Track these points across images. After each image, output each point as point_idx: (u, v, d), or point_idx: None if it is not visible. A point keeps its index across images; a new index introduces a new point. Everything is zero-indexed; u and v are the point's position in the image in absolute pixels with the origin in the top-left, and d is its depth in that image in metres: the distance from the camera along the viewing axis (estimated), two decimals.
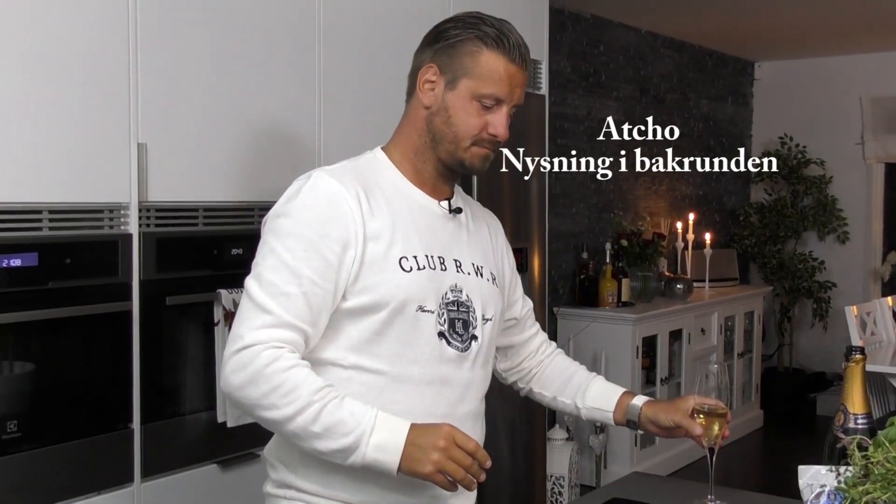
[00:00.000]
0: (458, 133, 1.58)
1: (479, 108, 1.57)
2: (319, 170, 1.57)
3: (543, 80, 3.79)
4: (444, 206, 1.65)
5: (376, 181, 1.59)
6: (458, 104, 1.57)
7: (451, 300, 1.60)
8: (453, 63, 1.57)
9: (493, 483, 3.58)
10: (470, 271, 1.65)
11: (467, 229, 1.70)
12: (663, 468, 4.90)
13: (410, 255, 1.56)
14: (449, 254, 1.62)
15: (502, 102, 1.58)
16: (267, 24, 2.70)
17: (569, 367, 1.89)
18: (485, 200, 3.47)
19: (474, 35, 1.56)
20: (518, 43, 1.58)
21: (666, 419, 1.71)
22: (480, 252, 1.70)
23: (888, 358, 4.36)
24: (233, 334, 1.49)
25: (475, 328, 1.64)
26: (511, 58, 1.56)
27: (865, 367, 1.60)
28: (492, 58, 1.55)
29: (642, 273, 5.20)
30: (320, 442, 1.44)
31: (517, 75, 1.58)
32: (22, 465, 2.15)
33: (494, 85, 1.56)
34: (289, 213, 1.52)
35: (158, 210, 2.42)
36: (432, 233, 1.61)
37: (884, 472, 1.32)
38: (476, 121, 1.57)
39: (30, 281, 2.16)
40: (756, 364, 6.08)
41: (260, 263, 1.52)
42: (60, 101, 2.21)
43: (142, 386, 2.38)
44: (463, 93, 1.57)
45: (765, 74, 6.91)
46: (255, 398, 1.46)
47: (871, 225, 6.54)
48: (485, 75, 1.56)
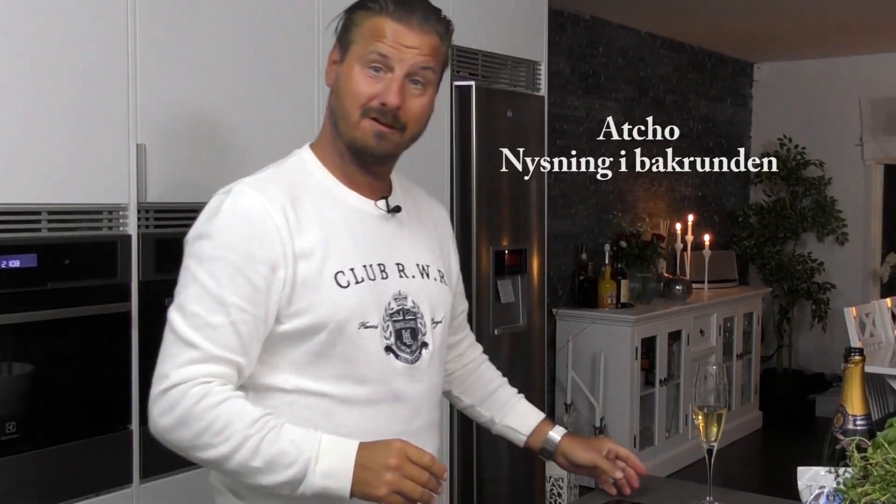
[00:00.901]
0: (345, 106, 1.46)
1: (370, 74, 1.44)
2: (240, 183, 1.46)
3: (542, 82, 3.79)
4: (381, 206, 1.54)
5: (304, 188, 1.48)
6: (346, 74, 1.46)
7: (396, 310, 1.50)
8: (346, 36, 1.48)
9: (492, 484, 3.58)
10: (414, 273, 1.55)
11: (409, 226, 1.58)
12: (662, 469, 4.90)
13: (347, 268, 1.45)
14: (390, 258, 1.52)
15: (391, 65, 1.44)
16: (266, 24, 2.70)
17: (494, 380, 1.83)
18: (484, 201, 3.49)
19: (367, 4, 1.46)
20: (412, 5, 1.45)
21: (583, 457, 1.71)
22: (426, 249, 1.60)
23: (887, 359, 4.37)
24: (157, 373, 1.39)
25: (424, 335, 1.54)
26: (397, 16, 1.44)
27: (864, 368, 1.60)
28: (377, 19, 1.45)
29: (641, 274, 5.21)
30: (264, 476, 1.35)
31: (407, 34, 1.44)
32: (21, 466, 2.15)
33: (377, 42, 1.43)
34: (209, 235, 1.41)
35: (157, 211, 2.42)
36: (369, 239, 1.50)
37: (883, 473, 1.32)
38: (361, 88, 1.44)
39: (29, 282, 2.16)
40: (755, 365, 6.08)
41: (182, 292, 1.40)
42: (59, 102, 2.21)
43: (141, 387, 2.38)
44: (350, 63, 1.46)
45: (764, 76, 6.92)
46: (189, 439, 1.36)
47: (870, 226, 6.54)
48: (368, 35, 1.44)
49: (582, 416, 4.81)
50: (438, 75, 1.51)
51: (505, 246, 3.58)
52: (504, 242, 3.58)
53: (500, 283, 3.57)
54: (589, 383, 4.79)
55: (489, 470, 3.54)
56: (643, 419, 4.97)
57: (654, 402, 5.03)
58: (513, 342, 3.61)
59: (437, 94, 1.53)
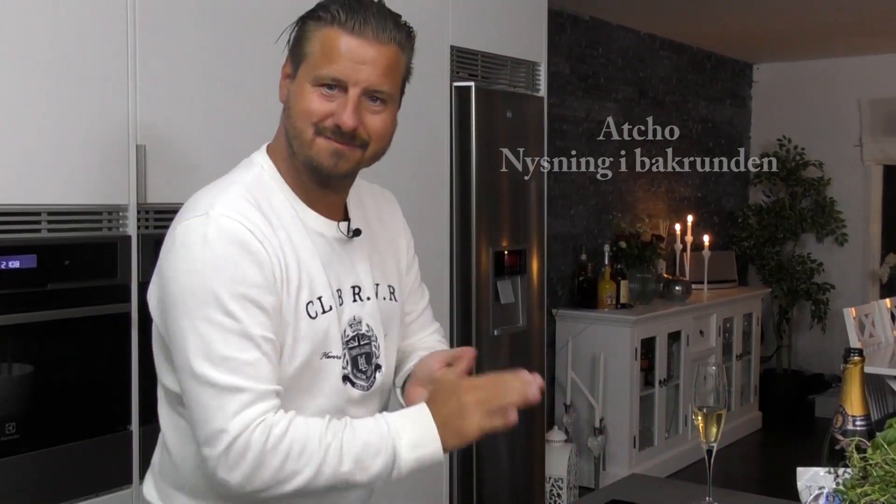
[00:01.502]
0: (297, 125, 1.37)
1: (322, 94, 1.35)
2: (216, 207, 1.33)
3: (542, 82, 3.80)
4: (343, 228, 1.46)
5: (272, 208, 1.39)
6: (297, 92, 1.38)
7: (351, 335, 1.45)
8: (297, 49, 1.39)
9: (491, 484, 3.58)
10: (370, 295, 1.49)
11: (365, 243, 1.51)
12: (662, 470, 4.90)
13: (315, 297, 1.39)
14: (346, 282, 1.46)
15: (345, 85, 1.35)
16: (265, 25, 2.69)
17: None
18: (484, 202, 3.49)
19: (315, 15, 1.37)
20: (366, 13, 1.34)
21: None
22: (380, 264, 1.54)
23: (887, 360, 4.37)
24: (208, 431, 1.29)
25: (378, 357, 1.50)
26: (351, 30, 1.33)
27: (864, 368, 1.60)
28: (329, 33, 1.34)
29: (641, 275, 5.21)
30: (359, 475, 1.31)
31: (361, 49, 1.34)
32: (20, 466, 2.15)
33: (331, 62, 1.34)
34: (204, 271, 1.29)
35: (157, 212, 2.42)
36: (332, 264, 1.44)
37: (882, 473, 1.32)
38: (314, 106, 1.36)
39: (28, 283, 2.16)
40: (755, 366, 6.08)
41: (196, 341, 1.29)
42: (59, 103, 2.21)
43: (140, 388, 2.38)
44: (301, 80, 1.37)
45: (763, 76, 6.92)
46: (271, 477, 1.29)
47: (870, 227, 6.55)
48: (320, 53, 1.35)
49: (581, 417, 4.81)
50: (399, 89, 1.42)
51: (504, 246, 3.58)
52: (504, 243, 3.59)
53: (500, 284, 3.58)
54: (588, 384, 4.79)
55: (489, 470, 3.54)
56: (643, 420, 4.97)
57: (653, 403, 5.04)
58: (512, 343, 3.61)
59: (399, 106, 1.45)
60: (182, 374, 1.33)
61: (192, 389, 1.31)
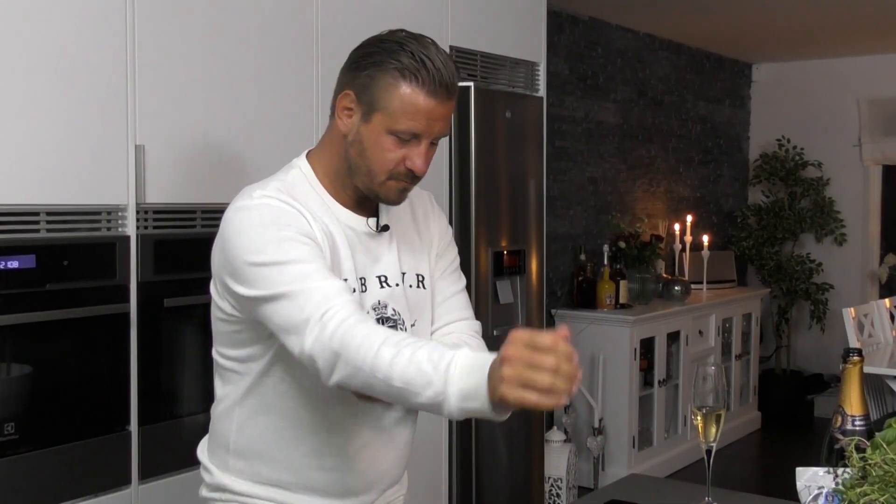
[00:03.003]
0: (372, 168, 1.52)
1: (396, 141, 1.49)
2: (257, 192, 1.50)
3: (541, 83, 3.80)
4: (372, 224, 1.60)
5: (306, 201, 1.53)
6: (372, 138, 1.50)
7: (375, 318, 1.55)
8: (369, 94, 1.49)
9: (491, 485, 3.58)
10: (398, 282, 1.61)
11: (393, 236, 1.63)
12: (661, 470, 4.90)
13: (342, 277, 1.52)
14: (371, 272, 1.58)
15: (420, 137, 1.50)
16: (264, 25, 2.70)
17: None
18: (483, 201, 3.49)
19: (391, 66, 1.47)
20: (440, 73, 1.47)
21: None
22: (407, 254, 1.64)
23: (886, 360, 4.36)
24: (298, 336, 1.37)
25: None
26: (430, 91, 1.47)
27: (863, 368, 1.60)
28: (408, 91, 1.47)
29: (640, 275, 5.21)
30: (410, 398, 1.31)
31: (437, 108, 1.48)
32: (19, 467, 2.15)
33: (410, 120, 1.48)
34: (249, 235, 1.45)
35: (156, 212, 2.42)
36: (358, 255, 1.57)
37: (881, 473, 1.32)
38: (391, 155, 1.50)
39: (27, 283, 2.16)
40: (754, 366, 6.08)
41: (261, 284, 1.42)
42: (58, 103, 2.21)
43: (139, 388, 2.38)
44: (377, 127, 1.49)
45: (762, 76, 6.92)
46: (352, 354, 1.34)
47: (869, 227, 6.55)
48: (399, 110, 1.47)
49: (581, 417, 4.81)
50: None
51: (504, 246, 3.58)
52: (503, 243, 3.59)
53: (499, 284, 3.58)
54: (588, 384, 4.79)
55: (488, 469, 3.53)
56: (642, 420, 4.97)
57: (652, 403, 5.04)
58: None
59: None
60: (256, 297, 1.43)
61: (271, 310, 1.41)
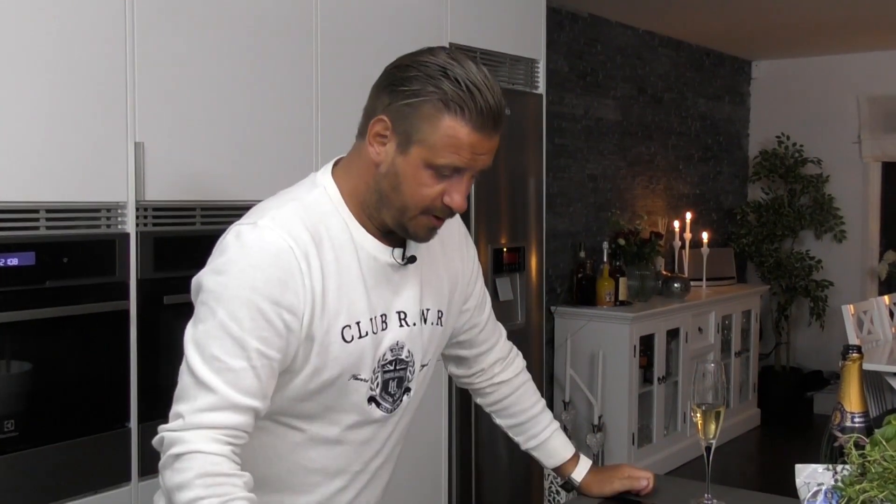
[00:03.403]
0: (407, 203, 1.37)
1: (434, 175, 1.35)
2: (265, 217, 1.37)
3: (541, 80, 3.79)
4: (398, 255, 1.46)
5: (326, 228, 1.40)
6: (409, 172, 1.35)
7: (390, 360, 1.47)
8: (407, 124, 1.34)
9: (491, 482, 3.58)
10: (415, 321, 1.50)
11: (419, 269, 1.51)
12: (660, 467, 4.91)
13: (354, 321, 1.41)
14: (392, 308, 1.47)
15: (462, 171, 1.36)
16: (264, 22, 2.69)
17: (529, 410, 1.80)
18: (482, 199, 3.48)
19: (435, 95, 1.32)
20: (488, 104, 1.33)
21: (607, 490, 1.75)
22: (431, 290, 1.54)
23: (885, 356, 4.37)
24: (173, 411, 1.32)
25: (410, 381, 1.52)
26: (477, 125, 1.32)
27: (862, 365, 1.60)
28: (453, 125, 1.32)
29: (640, 272, 5.21)
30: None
31: (483, 143, 1.35)
32: (19, 464, 2.15)
33: (453, 154, 1.33)
34: (230, 272, 1.32)
35: (156, 209, 2.42)
36: (378, 289, 1.44)
37: (881, 470, 1.32)
38: (428, 191, 1.36)
39: (27, 280, 2.16)
40: (753, 363, 6.08)
41: (199, 327, 1.33)
42: (58, 100, 2.21)
43: (139, 385, 2.38)
44: (415, 160, 1.34)
45: (762, 73, 6.92)
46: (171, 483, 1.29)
47: (868, 224, 6.55)
48: (441, 144, 1.33)
49: (580, 414, 4.81)
50: None
51: (503, 244, 3.58)
52: (502, 240, 3.59)
53: (499, 281, 3.58)
54: (587, 381, 4.79)
55: (488, 467, 3.54)
56: (641, 417, 4.97)
57: (652, 400, 5.04)
58: (511, 340, 3.59)
59: None
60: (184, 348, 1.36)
61: (182, 368, 1.34)
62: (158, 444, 1.34)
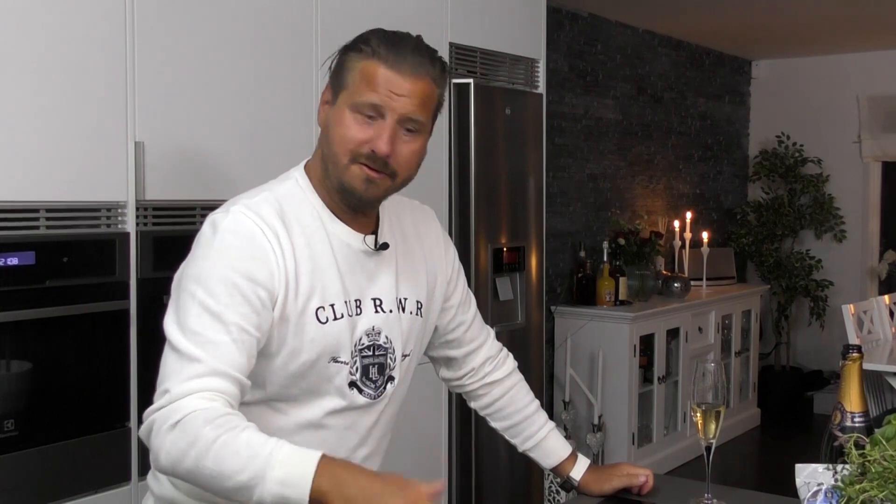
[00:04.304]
0: (335, 149, 1.44)
1: (360, 120, 1.42)
2: (236, 204, 1.43)
3: (540, 79, 3.79)
4: (369, 241, 1.51)
5: (297, 216, 1.46)
6: (336, 118, 1.45)
7: (367, 345, 1.51)
8: (338, 79, 1.46)
9: (490, 481, 3.58)
10: (392, 308, 1.54)
11: (394, 258, 1.56)
12: (660, 467, 4.91)
13: (328, 304, 1.45)
14: (367, 294, 1.51)
15: (382, 113, 1.42)
16: (265, 22, 2.69)
17: (523, 410, 1.80)
18: (482, 198, 3.49)
19: (360, 47, 1.44)
20: (406, 49, 1.43)
21: (607, 487, 1.75)
22: (407, 281, 1.58)
23: (885, 356, 4.37)
24: (159, 389, 1.35)
25: (393, 369, 1.55)
26: (391, 63, 1.41)
27: (862, 365, 1.60)
28: (369, 65, 1.42)
29: (640, 272, 5.21)
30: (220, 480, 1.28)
31: (399, 82, 1.42)
32: (19, 463, 2.15)
33: (371, 92, 1.41)
34: (207, 256, 1.38)
35: (156, 209, 2.42)
36: (352, 274, 1.49)
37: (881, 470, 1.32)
38: (352, 133, 1.43)
39: (27, 279, 2.16)
40: (753, 362, 6.08)
41: (180, 310, 1.37)
42: (58, 100, 2.21)
43: (139, 384, 2.38)
44: (341, 107, 1.44)
45: (762, 73, 6.92)
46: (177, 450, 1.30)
47: (868, 223, 6.55)
48: (358, 82, 1.42)
49: (580, 414, 4.81)
50: (431, 120, 1.51)
51: (503, 243, 3.58)
52: (502, 240, 3.59)
53: (499, 281, 3.58)
54: (587, 381, 4.79)
55: (487, 466, 3.54)
56: (641, 416, 4.97)
57: (652, 400, 5.04)
58: (511, 340, 3.60)
59: (430, 136, 1.52)
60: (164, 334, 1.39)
61: (164, 351, 1.37)
62: (147, 431, 1.34)
